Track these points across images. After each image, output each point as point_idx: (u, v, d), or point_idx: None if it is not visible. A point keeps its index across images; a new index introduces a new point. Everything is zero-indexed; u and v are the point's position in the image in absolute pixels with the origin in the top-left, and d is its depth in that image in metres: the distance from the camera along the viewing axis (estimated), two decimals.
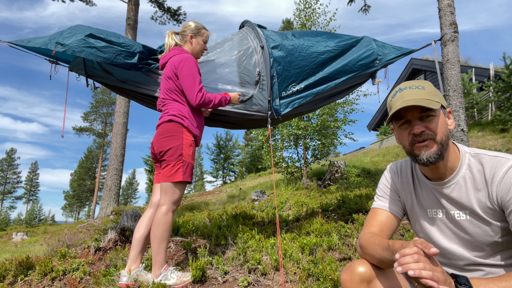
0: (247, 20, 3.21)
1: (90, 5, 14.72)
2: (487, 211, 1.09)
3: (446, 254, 1.21)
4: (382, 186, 1.38)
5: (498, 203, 1.07)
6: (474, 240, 1.13)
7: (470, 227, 1.14)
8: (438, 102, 1.10)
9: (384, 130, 17.45)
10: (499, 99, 10.47)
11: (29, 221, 40.16)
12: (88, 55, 2.42)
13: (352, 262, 1.19)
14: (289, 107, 2.91)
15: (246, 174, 31.73)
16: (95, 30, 2.51)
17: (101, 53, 2.45)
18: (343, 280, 1.15)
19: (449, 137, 1.14)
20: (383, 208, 1.33)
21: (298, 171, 8.93)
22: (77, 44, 2.39)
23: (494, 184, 1.07)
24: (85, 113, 36.54)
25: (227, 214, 4.48)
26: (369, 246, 1.15)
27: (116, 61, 2.48)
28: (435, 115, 1.11)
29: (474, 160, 1.13)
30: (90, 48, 2.42)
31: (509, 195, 1.03)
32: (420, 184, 1.27)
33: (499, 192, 1.06)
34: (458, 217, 1.16)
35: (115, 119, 11.77)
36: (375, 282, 1.10)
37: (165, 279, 2.14)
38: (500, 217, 1.08)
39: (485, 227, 1.11)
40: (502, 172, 1.05)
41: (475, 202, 1.11)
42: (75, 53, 2.40)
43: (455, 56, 3.71)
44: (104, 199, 11.08)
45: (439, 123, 1.11)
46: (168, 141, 2.26)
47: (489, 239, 1.11)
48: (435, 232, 1.23)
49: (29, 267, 2.81)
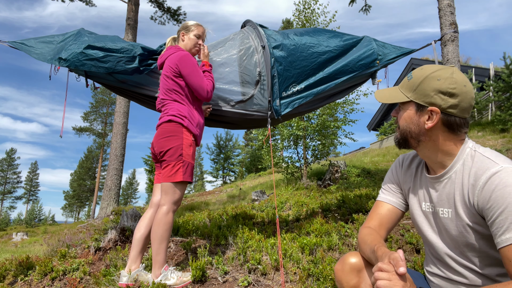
0: (248, 20, 3.21)
1: (90, 6, 14.73)
2: (467, 212, 1.08)
3: (433, 247, 1.23)
4: (386, 179, 1.42)
5: (479, 209, 1.03)
6: (453, 239, 1.14)
7: (450, 225, 1.13)
8: (407, 97, 1.15)
9: (384, 130, 17.44)
10: (499, 99, 10.47)
11: (29, 221, 40.15)
12: (90, 67, 2.48)
13: (345, 254, 1.26)
14: (289, 107, 2.90)
15: (246, 174, 31.73)
16: (92, 40, 2.54)
17: (101, 63, 2.49)
18: (335, 270, 1.24)
19: (420, 133, 1.14)
20: (385, 201, 1.37)
21: (298, 171, 8.93)
22: (77, 58, 2.45)
23: (476, 188, 1.03)
24: (85, 113, 36.57)
25: (227, 214, 4.48)
26: (361, 244, 1.23)
27: (118, 68, 2.53)
28: (402, 108, 1.19)
29: (470, 157, 1.11)
30: (91, 60, 2.48)
31: (489, 203, 0.98)
32: (421, 177, 1.28)
33: (479, 198, 1.02)
34: (441, 214, 1.16)
35: (115, 119, 11.78)
36: (364, 272, 1.18)
37: (165, 279, 2.14)
38: (478, 221, 1.06)
39: (462, 228, 1.09)
40: (485, 177, 1.01)
41: (459, 200, 1.10)
42: (78, 67, 2.47)
43: (455, 56, 3.71)
44: (104, 199, 11.08)
45: (402, 116, 1.19)
46: (168, 141, 2.26)
47: (464, 240, 1.10)
48: (425, 225, 1.25)
49: (29, 267, 2.81)
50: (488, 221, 1.00)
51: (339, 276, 1.22)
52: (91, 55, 2.47)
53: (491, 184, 0.98)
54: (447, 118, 1.10)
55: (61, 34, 2.72)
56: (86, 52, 2.46)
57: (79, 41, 2.52)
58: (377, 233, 1.26)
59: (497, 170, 0.98)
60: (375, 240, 1.16)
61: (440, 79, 1.09)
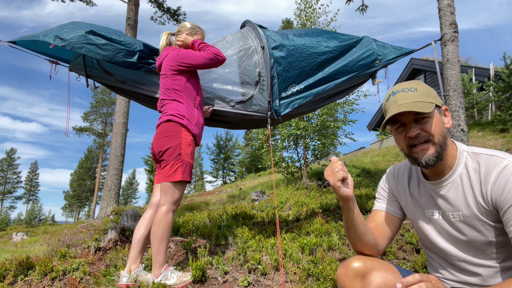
0: (248, 20, 3.21)
1: (90, 5, 14.72)
2: (481, 210, 1.09)
3: (444, 253, 1.22)
4: (379, 189, 1.43)
5: (493, 203, 1.06)
6: (470, 241, 1.13)
7: (464, 228, 1.14)
8: (432, 102, 1.10)
9: (384, 130, 17.44)
10: (499, 99, 10.47)
11: (29, 221, 40.21)
12: (87, 51, 2.41)
13: (349, 258, 1.23)
14: (289, 108, 2.91)
15: (246, 174, 31.73)
16: (96, 27, 2.50)
17: (100, 50, 2.44)
18: (338, 275, 1.20)
19: (447, 136, 1.14)
20: (380, 209, 1.37)
21: (298, 171, 8.93)
22: (77, 40, 2.38)
23: (488, 184, 1.06)
24: (85, 113, 36.54)
25: (227, 214, 4.48)
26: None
27: (115, 59, 2.49)
28: (430, 116, 1.11)
29: (471, 158, 1.13)
30: (90, 45, 2.41)
31: (504, 195, 1.02)
32: (419, 184, 1.28)
33: (493, 192, 1.05)
34: (453, 218, 1.16)
35: (115, 119, 11.78)
36: (369, 277, 1.13)
37: (165, 279, 2.14)
38: (495, 217, 1.08)
39: (480, 227, 1.10)
40: (496, 171, 1.04)
41: (471, 201, 1.11)
42: (75, 49, 2.38)
43: (455, 56, 3.71)
44: (104, 199, 11.08)
45: (433, 124, 1.11)
46: (167, 140, 2.26)
47: (484, 239, 1.11)
48: (432, 232, 1.24)
49: (29, 267, 2.82)
50: (501, 211, 1.04)
51: (342, 282, 1.18)
52: (92, 40, 2.42)
53: (504, 177, 1.03)
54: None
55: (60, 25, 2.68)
56: (88, 36, 2.41)
57: (82, 25, 2.48)
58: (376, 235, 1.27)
59: (507, 164, 1.04)
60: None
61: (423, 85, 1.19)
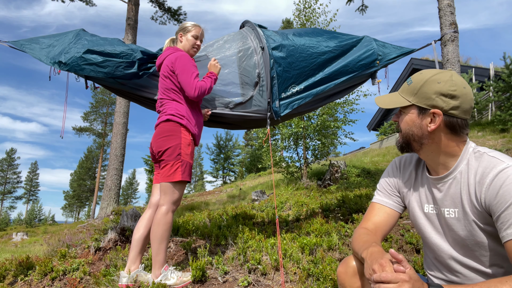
0: (247, 20, 3.21)
1: (90, 5, 14.72)
2: (474, 211, 1.09)
3: (436, 249, 1.22)
4: (382, 181, 1.41)
5: (486, 206, 1.05)
6: (460, 239, 1.13)
7: (457, 225, 1.13)
8: (409, 101, 1.16)
9: (384, 130, 17.44)
10: (499, 99, 10.47)
11: (29, 221, 40.19)
12: (89, 72, 2.51)
13: (348, 256, 1.24)
14: (288, 108, 2.90)
15: (246, 174, 31.72)
16: (92, 43, 2.55)
17: (101, 68, 2.51)
18: (338, 273, 1.22)
19: (423, 136, 1.15)
20: (381, 203, 1.35)
21: (298, 171, 8.93)
22: (77, 62, 2.48)
23: (483, 185, 1.05)
24: (85, 113, 36.55)
25: (227, 214, 4.48)
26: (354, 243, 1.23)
27: (116, 73, 2.55)
28: (404, 112, 1.20)
29: (474, 157, 1.12)
30: (90, 65, 2.50)
31: (497, 199, 1.00)
32: (422, 179, 1.27)
33: (487, 195, 1.03)
34: (447, 215, 1.16)
35: (115, 119, 11.78)
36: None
37: (165, 279, 2.14)
38: (485, 220, 1.07)
39: (470, 226, 1.10)
40: (492, 174, 1.03)
41: (466, 200, 1.11)
42: (77, 72, 2.50)
43: (455, 56, 3.71)
44: (104, 199, 11.08)
45: (404, 120, 1.20)
46: (166, 140, 2.26)
47: (473, 239, 1.10)
48: (428, 227, 1.24)
49: (29, 267, 2.82)
50: (494, 216, 1.02)
51: (342, 279, 1.20)
52: (90, 60, 2.49)
53: (499, 181, 1.01)
54: (450, 120, 1.12)
55: (63, 33, 2.72)
56: (85, 57, 2.48)
57: (79, 44, 2.53)
58: (374, 235, 1.25)
59: (504, 167, 1.02)
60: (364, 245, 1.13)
61: (440, 82, 1.12)
